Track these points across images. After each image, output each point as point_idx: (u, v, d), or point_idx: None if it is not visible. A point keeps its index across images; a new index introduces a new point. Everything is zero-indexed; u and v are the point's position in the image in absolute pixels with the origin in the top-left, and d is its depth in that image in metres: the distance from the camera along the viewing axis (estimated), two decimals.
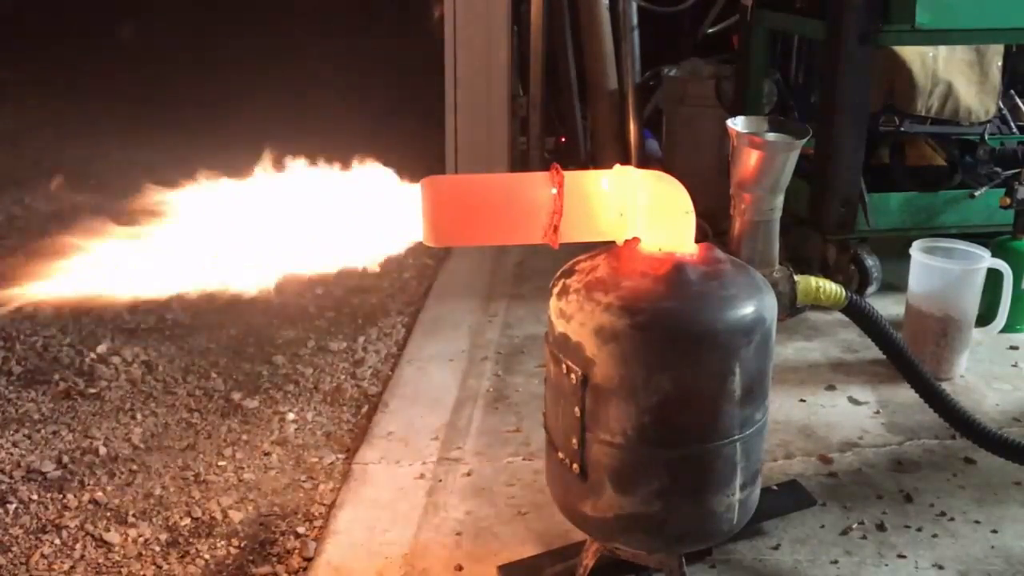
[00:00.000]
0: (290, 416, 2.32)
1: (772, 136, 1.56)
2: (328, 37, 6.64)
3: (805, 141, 1.54)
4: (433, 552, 1.74)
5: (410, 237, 1.37)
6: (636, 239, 1.43)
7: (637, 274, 1.39)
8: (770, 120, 1.59)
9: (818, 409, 2.26)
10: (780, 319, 1.49)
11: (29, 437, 2.22)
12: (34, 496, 1.99)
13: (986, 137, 2.82)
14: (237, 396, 2.42)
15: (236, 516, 1.93)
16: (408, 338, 2.72)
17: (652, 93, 3.98)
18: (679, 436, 1.40)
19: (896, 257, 2.64)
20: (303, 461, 2.14)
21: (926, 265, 2.35)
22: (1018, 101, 3.14)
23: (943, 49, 2.76)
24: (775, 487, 1.88)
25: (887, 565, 1.71)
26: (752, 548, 1.74)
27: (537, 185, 1.38)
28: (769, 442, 2.03)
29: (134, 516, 1.93)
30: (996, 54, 2.84)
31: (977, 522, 1.83)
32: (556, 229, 1.37)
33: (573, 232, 1.40)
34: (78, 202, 3.57)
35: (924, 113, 2.80)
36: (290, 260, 1.32)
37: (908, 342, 1.88)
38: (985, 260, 2.33)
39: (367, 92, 5.66)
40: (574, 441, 1.44)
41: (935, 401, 1.76)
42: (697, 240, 1.45)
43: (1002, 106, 3.00)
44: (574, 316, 1.39)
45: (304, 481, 2.06)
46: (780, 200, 1.59)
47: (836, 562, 1.72)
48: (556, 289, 1.46)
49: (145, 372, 2.54)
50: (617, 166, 1.42)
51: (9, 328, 2.77)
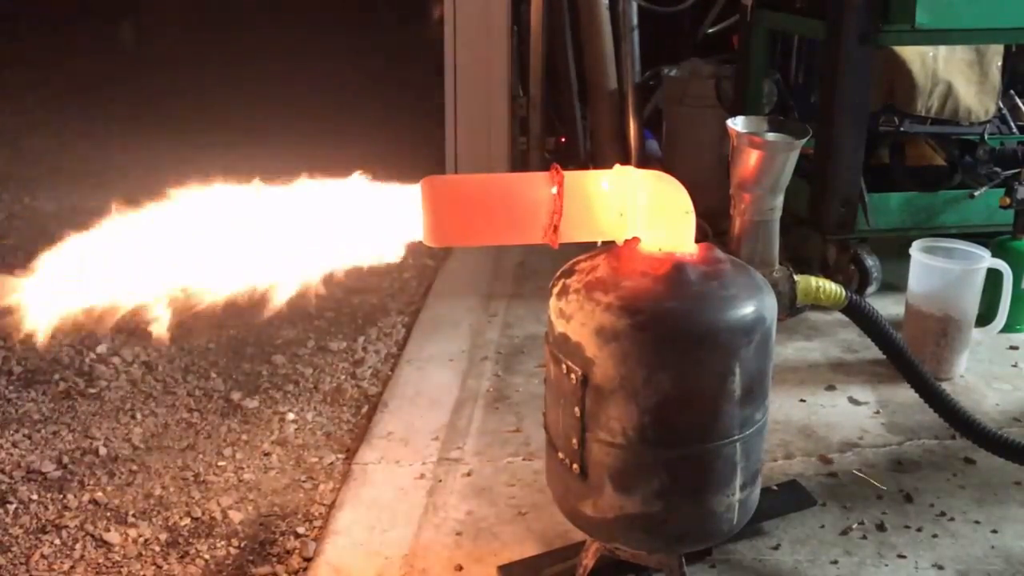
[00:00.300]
0: (290, 416, 2.33)
1: (772, 136, 1.56)
2: (328, 37, 6.65)
3: (805, 141, 1.55)
4: (433, 552, 1.74)
5: (410, 237, 1.37)
6: (636, 239, 1.43)
7: (637, 274, 1.39)
8: (770, 120, 1.60)
9: (818, 409, 2.26)
10: (780, 319, 1.49)
11: (29, 437, 2.22)
12: (34, 496, 1.99)
13: (986, 137, 2.82)
14: (237, 396, 2.42)
15: (236, 516, 1.93)
16: (408, 338, 2.72)
17: (652, 93, 3.98)
18: (679, 436, 1.40)
19: (896, 257, 2.64)
20: (303, 461, 2.14)
21: (926, 265, 2.35)
22: (1018, 101, 3.13)
23: (943, 49, 2.76)
24: (775, 487, 1.88)
25: (887, 565, 1.71)
26: (752, 548, 1.74)
27: (537, 185, 1.38)
28: (769, 442, 2.03)
29: (134, 516, 1.93)
30: (996, 54, 2.84)
31: (977, 522, 1.83)
32: (556, 229, 1.37)
33: (573, 232, 1.40)
34: (78, 202, 3.57)
35: (924, 113, 2.79)
36: (290, 262, 1.32)
37: (908, 342, 1.88)
38: (985, 260, 2.33)
39: (367, 92, 5.66)
40: (574, 441, 1.44)
41: (935, 401, 1.76)
42: (697, 240, 1.45)
43: (1002, 106, 3.00)
44: (574, 316, 1.39)
45: (304, 481, 2.06)
46: (780, 200, 1.59)
47: (836, 562, 1.72)
48: (556, 289, 1.46)
49: (145, 372, 2.54)
50: (617, 166, 1.42)
51: (9, 328, 2.76)
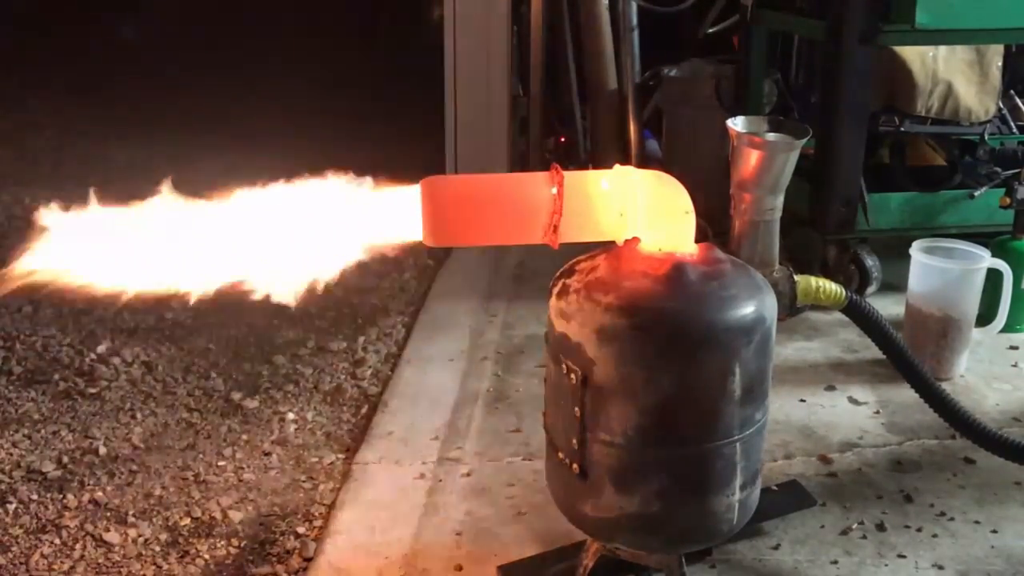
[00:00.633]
0: (290, 416, 2.32)
1: (772, 136, 1.56)
2: (328, 37, 6.64)
3: (805, 141, 1.55)
4: (433, 552, 1.74)
5: (410, 237, 1.37)
6: (636, 239, 1.43)
7: (637, 274, 1.39)
8: (770, 120, 1.60)
9: (818, 409, 2.26)
10: (780, 319, 1.49)
11: (29, 437, 2.22)
12: (34, 496, 1.99)
13: (986, 137, 2.82)
14: (237, 396, 2.42)
15: (236, 516, 1.93)
16: (408, 338, 2.72)
17: (652, 93, 3.98)
18: (679, 436, 1.40)
19: (896, 257, 2.64)
20: (303, 461, 2.14)
21: (926, 265, 2.35)
22: (1018, 101, 3.13)
23: (943, 49, 2.76)
24: (775, 487, 1.88)
25: (887, 565, 1.71)
26: (752, 548, 1.74)
27: (537, 185, 1.38)
28: (769, 442, 2.03)
29: (134, 516, 1.93)
30: (996, 54, 2.84)
31: (977, 522, 1.83)
32: (556, 229, 1.37)
33: (573, 232, 1.40)
34: (77, 202, 3.57)
35: (924, 113, 2.79)
36: (290, 262, 1.32)
37: (908, 342, 1.88)
38: (985, 260, 2.33)
39: (367, 92, 5.66)
40: (574, 441, 1.44)
41: (935, 401, 1.76)
42: (697, 240, 1.45)
43: (1002, 106, 3.00)
44: (574, 316, 1.39)
45: (304, 481, 2.06)
46: (780, 200, 1.59)
47: (836, 562, 1.72)
48: (556, 289, 1.46)
49: (145, 372, 2.54)
50: (617, 166, 1.42)
51: (9, 328, 2.77)
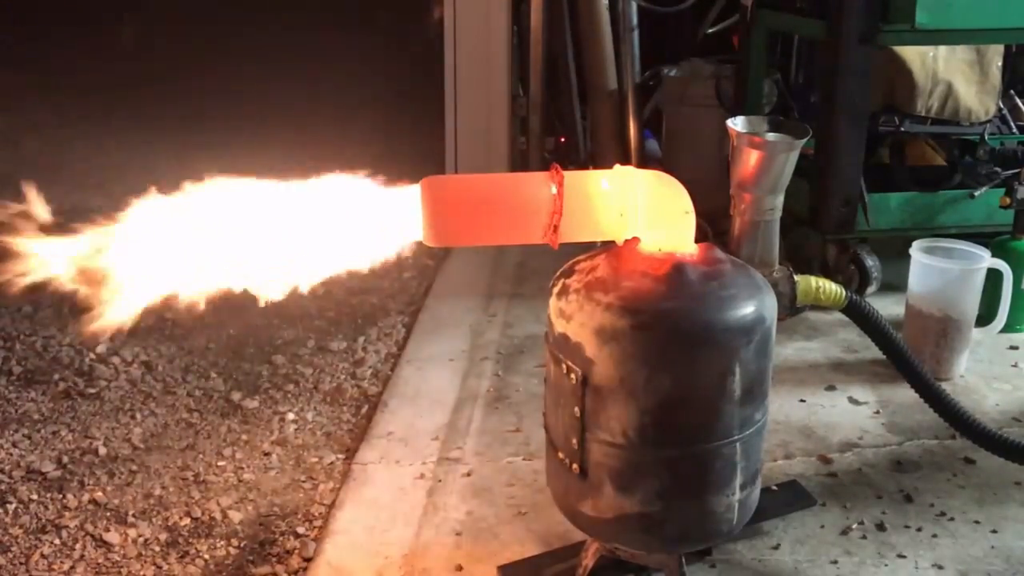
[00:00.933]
0: (290, 416, 2.33)
1: (772, 136, 1.56)
2: (328, 36, 6.64)
3: (805, 141, 1.55)
4: (433, 552, 1.74)
5: (410, 237, 1.37)
6: (636, 239, 1.43)
7: (637, 274, 1.39)
8: (770, 120, 1.60)
9: (818, 409, 2.26)
10: (780, 319, 1.49)
11: (29, 437, 2.22)
12: (34, 496, 1.99)
13: (986, 137, 2.82)
14: (237, 396, 2.42)
15: (236, 516, 1.93)
16: (408, 338, 2.72)
17: (652, 93, 3.98)
18: (679, 436, 1.40)
19: (896, 257, 2.64)
20: (303, 461, 2.14)
21: (926, 265, 2.35)
22: (1018, 101, 3.13)
23: (943, 49, 2.76)
24: (775, 487, 1.88)
25: (887, 565, 1.71)
26: (752, 548, 1.74)
27: (537, 185, 1.38)
28: (769, 442, 2.03)
29: (134, 516, 1.93)
30: (996, 54, 2.84)
31: (977, 522, 1.83)
32: (556, 229, 1.37)
33: (573, 232, 1.40)
34: (78, 202, 3.57)
35: (924, 113, 2.79)
36: (290, 262, 1.32)
37: (908, 342, 1.88)
38: (985, 260, 2.33)
39: (367, 92, 5.66)
40: (574, 441, 1.44)
41: (935, 401, 1.76)
42: (697, 240, 1.45)
43: (1002, 106, 3.00)
44: (574, 316, 1.39)
45: (304, 481, 2.06)
46: (780, 200, 1.59)
47: (836, 562, 1.72)
48: (556, 289, 1.46)
49: (145, 372, 2.54)
50: (617, 166, 1.43)
51: (9, 328, 2.77)
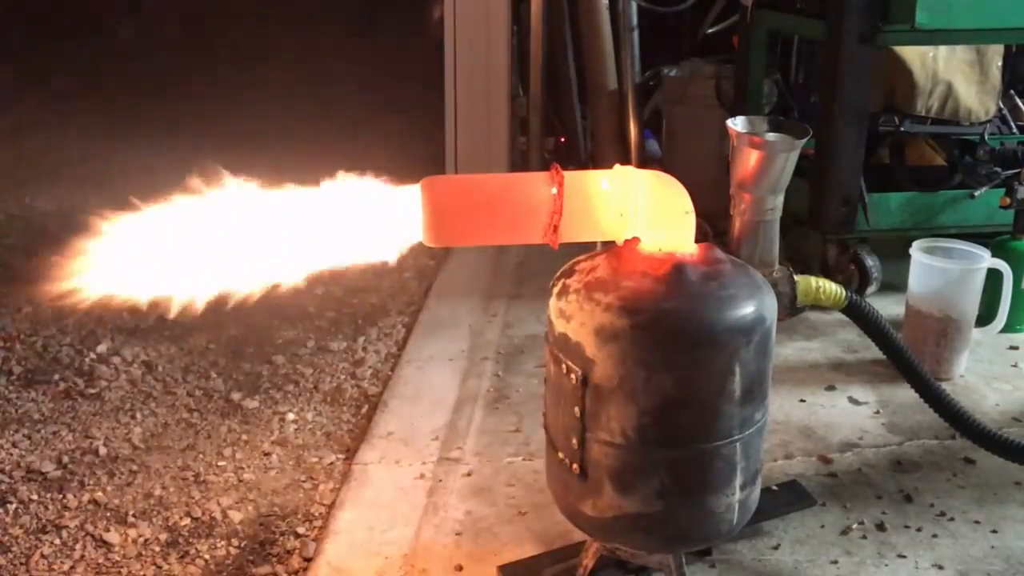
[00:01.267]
0: (290, 416, 2.33)
1: (772, 136, 1.56)
2: (327, 36, 6.64)
3: (805, 141, 1.54)
4: (433, 552, 1.74)
5: (410, 238, 1.37)
6: (636, 239, 1.43)
7: (637, 274, 1.39)
8: (770, 120, 1.59)
9: (818, 409, 2.26)
10: (780, 319, 1.49)
11: (29, 437, 2.22)
12: (34, 496, 1.99)
13: (986, 137, 2.82)
14: (237, 396, 2.42)
15: (236, 516, 1.93)
16: (408, 338, 2.72)
17: (652, 93, 3.98)
18: (679, 436, 1.40)
19: (896, 257, 2.64)
20: (303, 461, 2.14)
21: (926, 265, 2.35)
22: (1018, 101, 3.13)
23: (943, 49, 2.76)
24: (775, 487, 1.88)
25: (887, 565, 1.71)
26: (752, 548, 1.74)
27: (537, 185, 1.38)
28: (769, 442, 2.03)
29: (134, 516, 1.93)
30: (996, 54, 2.84)
31: (977, 522, 1.83)
32: (556, 229, 1.37)
33: (573, 232, 1.40)
34: (78, 202, 3.57)
35: (924, 113, 2.79)
36: (291, 263, 1.32)
37: (908, 342, 1.88)
38: (985, 260, 2.33)
39: (367, 92, 5.66)
40: (574, 441, 1.44)
41: (935, 401, 1.76)
42: (697, 240, 1.45)
43: (1002, 106, 3.00)
44: (574, 316, 1.39)
45: (304, 481, 2.06)
46: (780, 200, 1.59)
47: (836, 562, 1.72)
48: (556, 289, 1.46)
49: (145, 372, 2.54)
50: (617, 166, 1.42)
51: (9, 328, 2.77)
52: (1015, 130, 3.08)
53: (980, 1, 2.45)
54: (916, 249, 2.36)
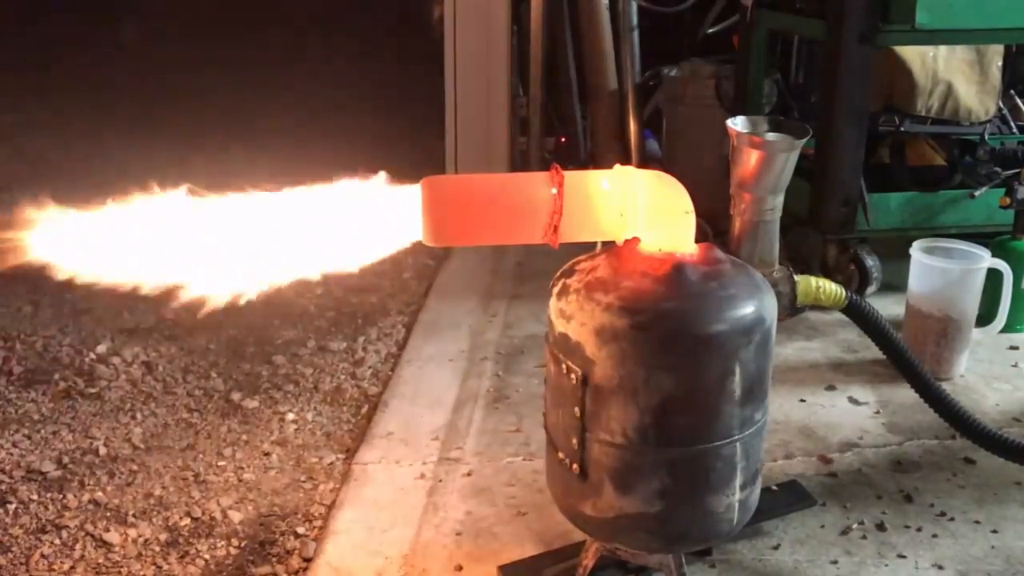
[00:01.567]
0: (290, 416, 2.33)
1: (772, 136, 1.56)
2: (327, 36, 6.65)
3: (805, 141, 1.54)
4: (433, 552, 1.74)
5: (410, 237, 1.37)
6: (636, 239, 1.43)
7: (637, 274, 1.39)
8: (770, 120, 1.59)
9: (818, 409, 2.26)
10: (780, 319, 1.49)
11: (29, 437, 2.22)
12: (34, 496, 1.99)
13: (986, 137, 2.82)
14: (237, 396, 2.42)
15: (236, 516, 1.93)
16: (408, 338, 2.72)
17: (652, 93, 3.98)
18: (679, 436, 1.40)
19: (896, 257, 2.64)
20: (303, 461, 2.14)
21: (926, 265, 2.35)
22: (1018, 101, 3.13)
23: (943, 49, 2.76)
24: (775, 487, 1.88)
25: (887, 565, 1.71)
26: (752, 548, 1.74)
27: (537, 185, 1.38)
28: (769, 442, 2.03)
29: (134, 516, 1.93)
30: (996, 54, 2.84)
31: (977, 522, 1.83)
32: (556, 229, 1.37)
33: (573, 232, 1.40)
34: (78, 202, 3.57)
35: (924, 113, 2.79)
36: (290, 264, 1.32)
37: (908, 342, 1.88)
38: (985, 260, 2.33)
39: (367, 92, 5.66)
40: (574, 441, 1.44)
41: (935, 401, 1.76)
42: (697, 240, 1.45)
43: (1002, 106, 3.00)
44: (574, 316, 1.39)
45: (304, 481, 2.06)
46: (780, 200, 1.59)
47: (836, 562, 1.72)
48: (556, 289, 1.46)
49: (145, 372, 2.54)
50: (617, 166, 1.42)
51: (9, 328, 2.77)
52: (1015, 130, 3.08)
53: (980, 1, 2.45)
54: (916, 249, 2.37)
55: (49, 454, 2.15)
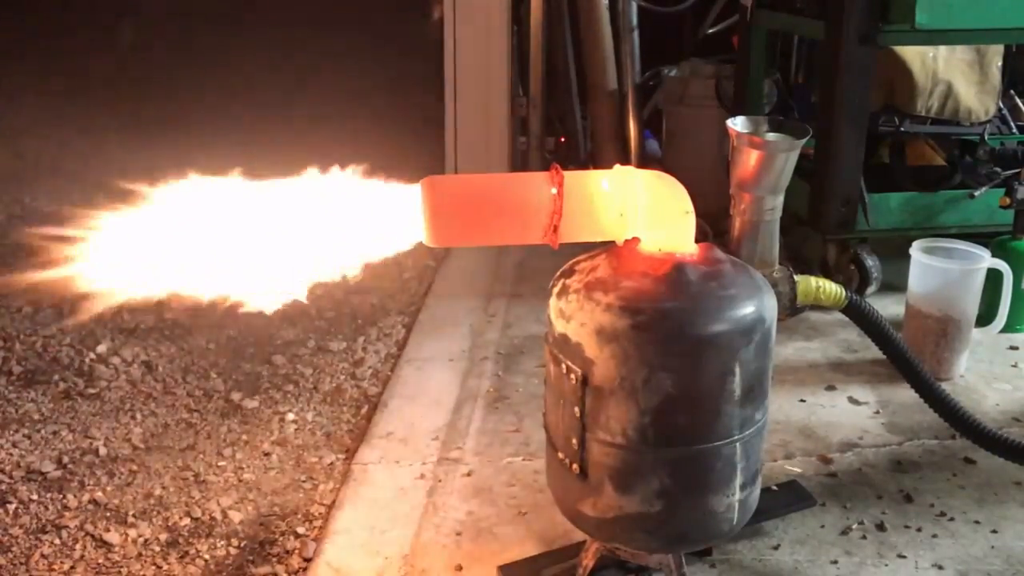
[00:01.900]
0: (290, 416, 2.33)
1: (772, 136, 1.56)
2: (327, 36, 6.64)
3: (805, 141, 1.55)
4: (433, 552, 1.74)
5: (410, 238, 1.37)
6: (636, 239, 1.43)
7: (637, 274, 1.39)
8: (770, 120, 1.59)
9: (818, 409, 2.26)
10: (780, 319, 1.49)
11: (29, 437, 2.22)
12: (34, 496, 1.99)
13: (986, 137, 2.82)
14: (237, 396, 2.42)
15: (236, 516, 1.93)
16: (408, 338, 2.72)
17: (652, 93, 3.99)
18: (679, 436, 1.40)
19: (896, 257, 2.64)
20: (303, 461, 2.14)
21: (926, 265, 2.35)
22: (1018, 101, 3.14)
23: (943, 49, 2.76)
24: (775, 487, 1.88)
25: (887, 565, 1.71)
26: (752, 548, 1.74)
27: (537, 185, 1.38)
28: (769, 442, 2.03)
29: (134, 516, 1.93)
30: (996, 54, 2.84)
31: (977, 522, 1.83)
32: (556, 229, 1.37)
33: (573, 232, 1.40)
34: (78, 202, 3.57)
35: (924, 113, 2.79)
36: (291, 262, 1.32)
37: (908, 342, 1.88)
38: (985, 260, 2.33)
39: (366, 91, 5.66)
40: (574, 441, 1.44)
41: (935, 401, 1.76)
42: (697, 240, 1.45)
43: (1002, 106, 3.00)
44: (574, 316, 1.39)
45: (304, 481, 2.06)
46: (780, 200, 1.59)
47: (836, 562, 1.72)
48: (556, 289, 1.46)
49: (145, 372, 2.54)
50: (617, 166, 1.42)
51: (9, 328, 2.77)
52: (1015, 130, 3.09)
53: (980, 1, 2.45)
54: (916, 249, 2.36)
55: (49, 454, 2.15)
